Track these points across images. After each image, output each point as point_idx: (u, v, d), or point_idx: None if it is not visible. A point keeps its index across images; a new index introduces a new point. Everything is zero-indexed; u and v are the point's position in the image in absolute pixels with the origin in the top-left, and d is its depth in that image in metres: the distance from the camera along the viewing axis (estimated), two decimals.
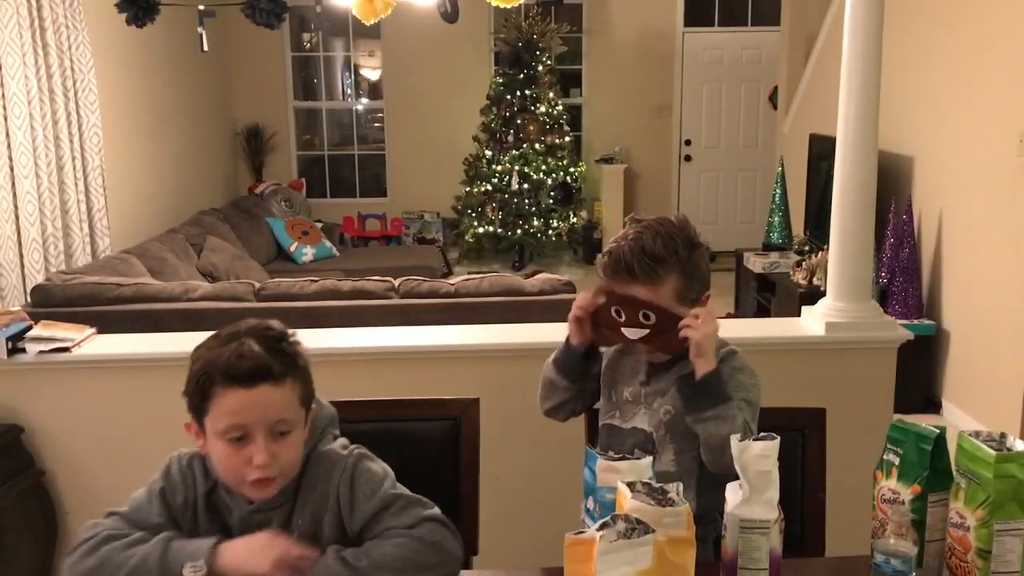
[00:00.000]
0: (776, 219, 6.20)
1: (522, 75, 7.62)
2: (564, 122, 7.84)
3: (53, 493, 2.73)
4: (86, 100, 4.74)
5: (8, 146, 4.15)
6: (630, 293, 1.62)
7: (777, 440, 1.32)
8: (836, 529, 1.79)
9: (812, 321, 2.72)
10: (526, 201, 7.69)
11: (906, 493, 1.33)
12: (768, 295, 5.62)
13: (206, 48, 4.65)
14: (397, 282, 3.67)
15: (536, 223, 7.70)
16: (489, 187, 7.71)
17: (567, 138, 7.86)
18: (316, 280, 3.70)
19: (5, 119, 4.14)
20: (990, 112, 4.14)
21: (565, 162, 7.81)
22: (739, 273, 6.25)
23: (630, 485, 1.23)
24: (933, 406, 4.56)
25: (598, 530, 1.12)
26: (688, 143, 8.53)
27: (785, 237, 6.13)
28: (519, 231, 7.70)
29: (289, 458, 1.40)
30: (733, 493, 1.33)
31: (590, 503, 1.37)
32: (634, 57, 8.30)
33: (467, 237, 7.83)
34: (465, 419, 1.78)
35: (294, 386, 1.39)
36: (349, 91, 8.88)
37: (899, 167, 4.97)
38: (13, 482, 2.61)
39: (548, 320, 3.30)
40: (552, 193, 7.77)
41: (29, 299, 3.87)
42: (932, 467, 1.33)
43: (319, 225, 7.42)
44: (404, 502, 1.44)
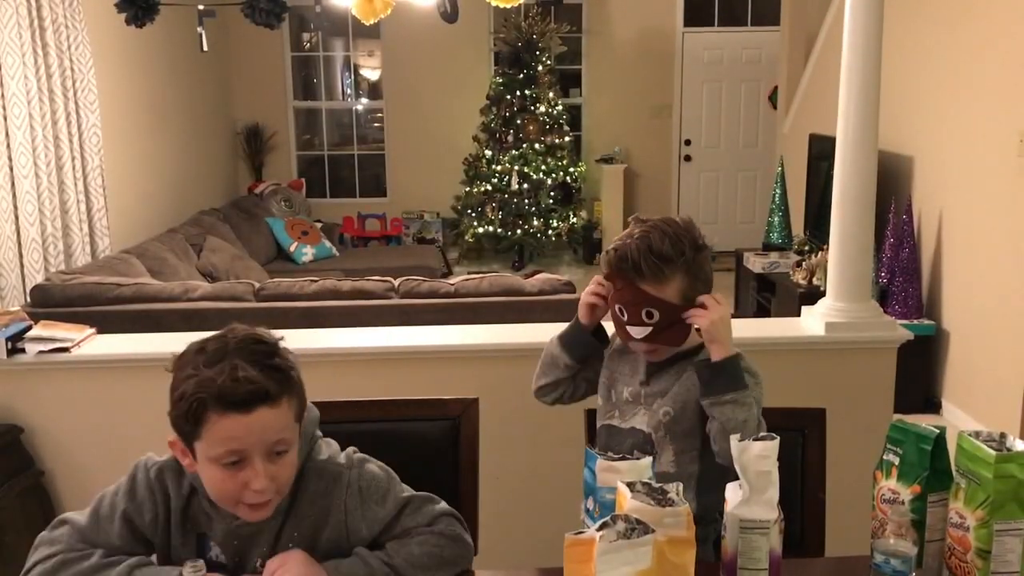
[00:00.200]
0: (776, 219, 6.20)
1: (522, 75, 7.62)
2: (564, 122, 7.84)
3: (53, 493, 2.73)
4: (86, 100, 4.74)
5: (8, 146, 4.15)
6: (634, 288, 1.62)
7: (777, 440, 1.32)
8: (836, 529, 1.79)
9: (812, 321, 2.72)
10: (526, 201, 7.69)
11: (906, 493, 1.33)
12: (768, 295, 5.62)
13: (206, 48, 4.65)
14: (397, 282, 3.67)
15: (536, 223, 7.70)
16: (489, 187, 7.71)
17: (567, 138, 7.86)
18: (316, 280, 3.70)
19: (5, 119, 4.14)
20: (990, 112, 4.14)
21: (565, 162, 7.81)
22: (739, 273, 6.25)
23: (630, 485, 1.23)
24: (933, 406, 4.56)
25: (598, 530, 1.12)
26: (688, 143, 8.53)
27: (785, 237, 6.13)
28: (519, 231, 7.70)
29: (287, 477, 1.36)
30: (733, 493, 1.33)
31: (590, 503, 1.37)
32: (634, 57, 8.30)
33: (467, 237, 7.83)
34: (465, 419, 1.78)
35: (290, 404, 1.33)
36: (349, 91, 8.88)
37: (899, 167, 4.97)
38: (13, 482, 2.61)
39: (548, 320, 3.30)
40: (552, 193, 7.77)
41: (29, 299, 3.87)
42: (932, 467, 1.32)
43: (319, 225, 7.42)
44: (418, 502, 1.46)
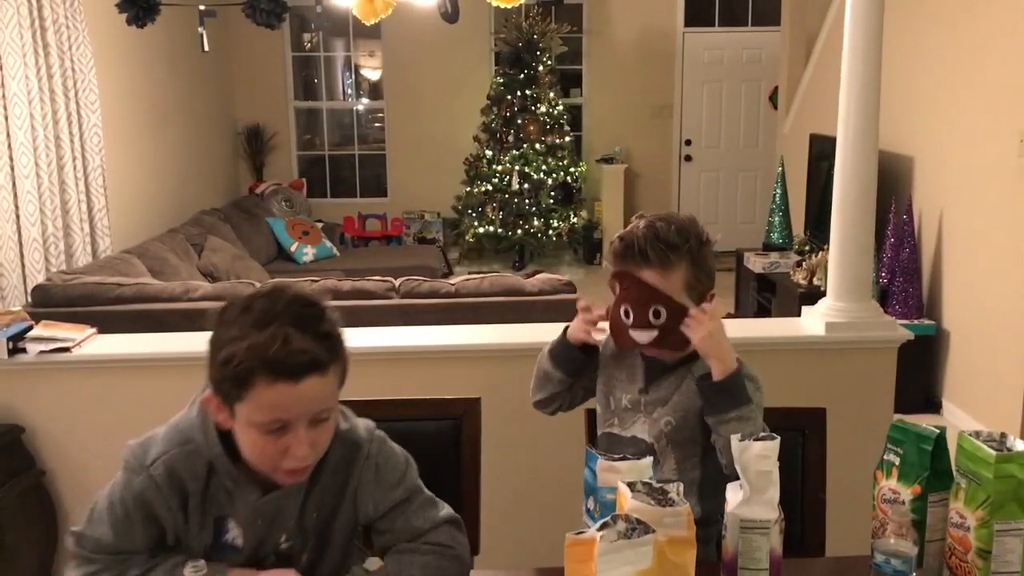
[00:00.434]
0: (776, 219, 6.20)
1: (522, 75, 7.62)
2: (564, 122, 7.84)
3: (53, 493, 2.73)
4: (86, 100, 4.74)
5: (9, 146, 4.16)
6: (640, 279, 1.61)
7: (777, 440, 1.32)
8: (836, 529, 1.79)
9: (812, 321, 2.72)
10: (526, 201, 7.69)
11: (906, 493, 1.33)
12: (768, 295, 5.62)
13: (206, 48, 4.66)
14: (397, 282, 3.67)
15: (536, 223, 7.70)
16: (489, 187, 7.71)
17: (567, 138, 7.86)
18: (316, 280, 3.71)
19: (6, 119, 4.14)
20: (990, 112, 4.14)
21: (565, 162, 7.81)
22: (739, 273, 6.25)
23: (630, 485, 1.23)
24: (933, 406, 4.56)
25: (598, 530, 1.12)
26: (688, 143, 8.53)
27: (785, 237, 6.13)
28: (519, 231, 7.70)
29: (325, 441, 1.35)
30: (733, 493, 1.33)
31: (590, 503, 1.37)
32: (634, 57, 8.31)
33: (467, 237, 7.83)
34: (466, 419, 1.78)
35: (336, 371, 1.31)
36: (349, 91, 8.88)
37: (899, 167, 4.97)
38: (13, 482, 2.61)
39: (548, 320, 3.30)
40: (552, 193, 7.77)
41: (30, 299, 3.87)
42: (932, 467, 1.33)
43: (319, 225, 7.42)
44: (425, 500, 1.46)
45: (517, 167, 7.62)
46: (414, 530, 1.44)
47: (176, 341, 2.75)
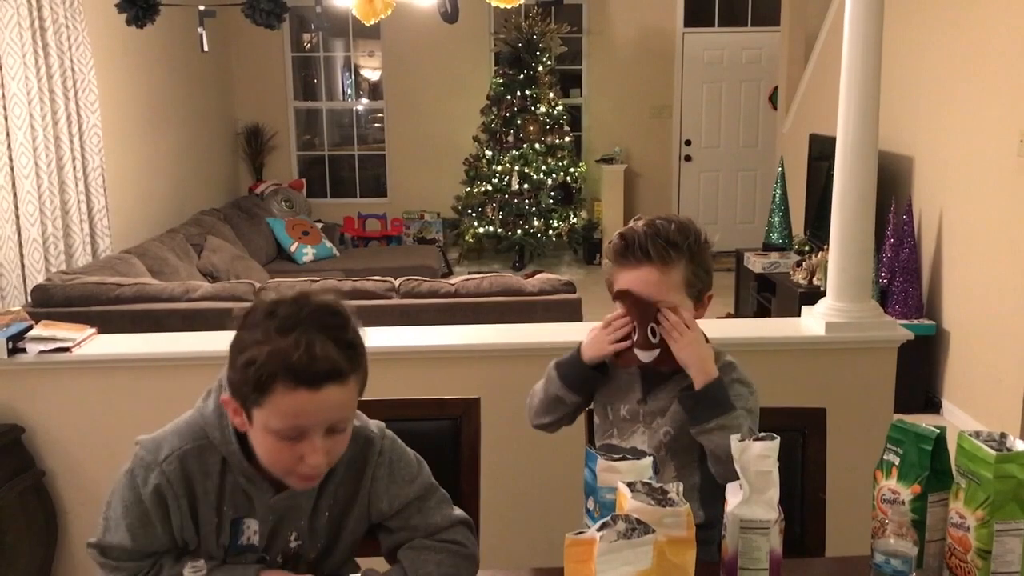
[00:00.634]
0: (776, 219, 6.19)
1: (522, 75, 7.62)
2: (564, 122, 7.84)
3: (53, 493, 2.73)
4: (86, 100, 4.74)
5: (8, 146, 4.16)
6: (638, 282, 1.61)
7: (777, 440, 1.32)
8: (836, 529, 1.79)
9: (812, 321, 2.72)
10: (526, 201, 7.69)
11: (906, 493, 1.33)
12: (768, 295, 5.62)
13: (206, 48, 4.64)
14: (397, 282, 3.67)
15: (536, 223, 7.70)
16: (489, 187, 7.71)
17: (567, 138, 7.86)
18: (316, 280, 3.70)
19: (5, 119, 4.14)
20: (990, 112, 4.14)
21: (565, 162, 7.81)
22: (739, 273, 6.25)
23: (630, 485, 1.23)
24: (933, 406, 4.56)
25: (598, 530, 1.12)
26: (688, 143, 8.53)
27: (785, 237, 6.12)
28: (519, 231, 7.70)
29: (340, 450, 1.34)
30: (733, 493, 1.33)
31: (590, 503, 1.37)
32: (634, 57, 8.31)
33: (467, 237, 7.83)
34: (466, 419, 1.78)
35: (356, 380, 1.30)
36: (349, 91, 8.88)
37: (899, 167, 4.97)
38: (13, 482, 2.61)
39: (548, 320, 3.30)
40: (552, 193, 7.77)
41: (29, 299, 3.87)
42: (932, 467, 1.32)
43: (319, 225, 7.42)
44: (439, 499, 1.47)
45: (517, 167, 7.62)
46: (431, 526, 1.44)
47: (176, 341, 2.74)
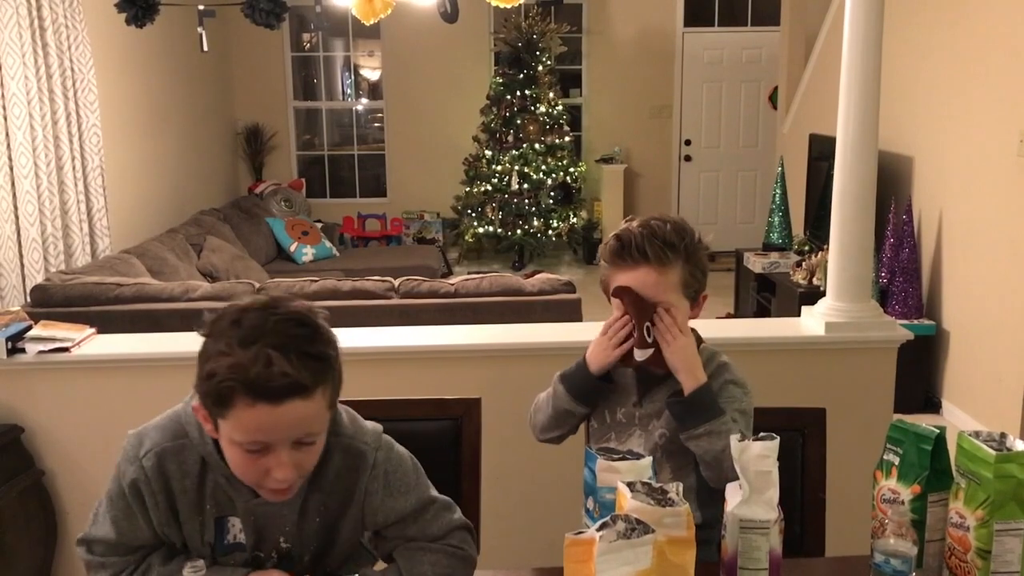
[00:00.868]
0: (776, 219, 6.19)
1: (522, 75, 7.62)
2: (564, 122, 7.84)
3: (53, 493, 2.73)
4: (86, 100, 4.74)
5: (8, 146, 4.15)
6: (635, 284, 1.61)
7: (777, 440, 1.32)
8: (836, 529, 1.79)
9: (812, 321, 2.72)
10: (526, 201, 7.69)
11: (906, 493, 1.33)
12: (768, 295, 5.62)
13: (206, 48, 4.65)
14: (397, 282, 3.67)
15: (536, 223, 7.70)
16: (489, 187, 7.71)
17: (567, 138, 7.86)
18: (316, 280, 3.70)
19: (5, 119, 4.14)
20: (990, 112, 4.14)
21: (565, 162, 7.81)
22: (739, 273, 6.25)
23: (630, 485, 1.23)
24: (933, 406, 4.56)
25: (598, 530, 1.12)
26: (688, 143, 8.53)
27: (785, 237, 6.12)
28: (519, 231, 7.70)
29: (311, 464, 1.32)
30: (733, 493, 1.33)
31: (590, 503, 1.37)
32: (634, 57, 8.31)
33: (467, 237, 7.83)
34: (467, 419, 1.78)
35: (324, 394, 1.26)
36: (349, 91, 8.88)
37: (899, 167, 4.97)
38: (13, 482, 2.61)
39: (548, 320, 3.30)
40: (552, 193, 7.77)
41: (29, 299, 3.87)
42: (932, 467, 1.32)
43: (319, 225, 7.42)
44: (438, 507, 1.45)
45: (517, 167, 7.62)
46: (428, 536, 1.43)
47: (175, 341, 2.74)
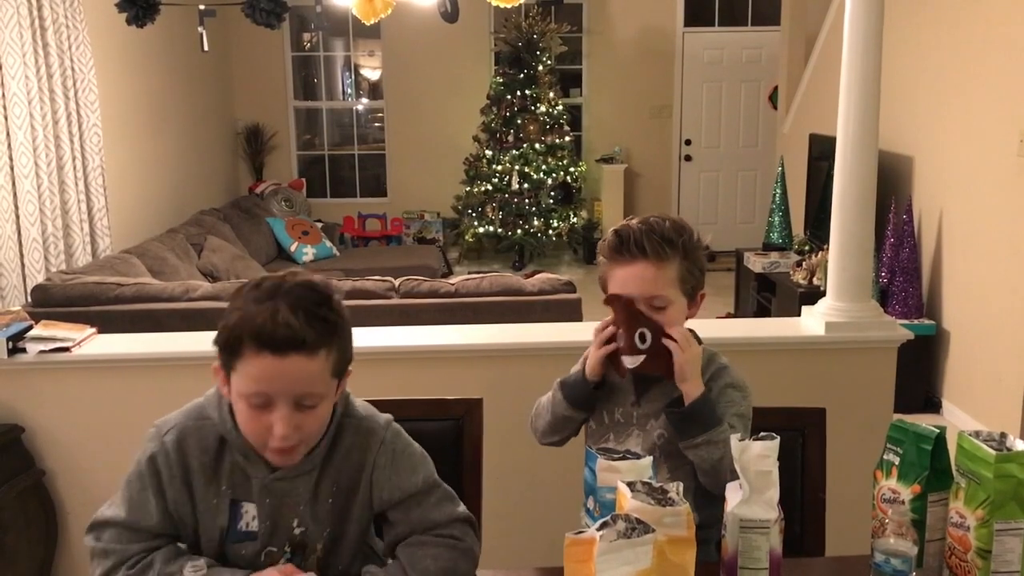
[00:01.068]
0: (776, 219, 6.20)
1: (522, 75, 7.62)
2: (564, 122, 7.84)
3: (53, 493, 2.73)
4: (86, 100, 4.74)
5: (8, 146, 4.16)
6: (633, 278, 1.60)
7: (777, 440, 1.32)
8: (836, 529, 1.79)
9: (812, 321, 2.72)
10: (526, 201, 7.69)
11: (906, 493, 1.33)
12: (768, 295, 5.62)
13: (206, 48, 4.65)
14: (397, 282, 3.67)
15: (536, 223, 7.70)
16: (489, 187, 7.71)
17: (567, 138, 7.86)
18: None
19: (5, 119, 4.14)
20: (990, 112, 4.14)
21: (565, 162, 7.82)
22: (739, 273, 6.25)
23: (630, 485, 1.23)
24: (933, 406, 4.56)
25: (598, 530, 1.12)
26: (688, 143, 8.54)
27: (785, 237, 6.13)
28: (519, 231, 7.70)
29: (313, 428, 1.36)
30: (733, 493, 1.33)
31: (590, 503, 1.37)
32: (634, 57, 8.31)
33: (467, 237, 7.83)
34: (468, 419, 1.78)
35: (328, 356, 1.32)
36: (349, 91, 8.88)
37: (899, 167, 4.97)
38: (13, 482, 2.61)
39: (548, 320, 3.30)
40: (552, 193, 7.77)
41: (29, 299, 3.87)
42: (932, 467, 1.33)
43: (319, 225, 7.42)
44: (443, 494, 1.47)
45: (517, 167, 7.62)
46: (430, 522, 1.44)
47: (176, 341, 2.74)
